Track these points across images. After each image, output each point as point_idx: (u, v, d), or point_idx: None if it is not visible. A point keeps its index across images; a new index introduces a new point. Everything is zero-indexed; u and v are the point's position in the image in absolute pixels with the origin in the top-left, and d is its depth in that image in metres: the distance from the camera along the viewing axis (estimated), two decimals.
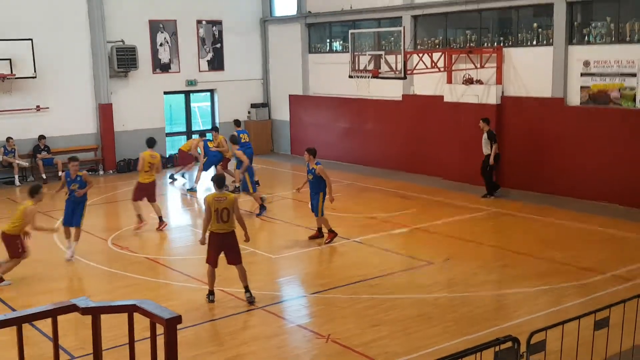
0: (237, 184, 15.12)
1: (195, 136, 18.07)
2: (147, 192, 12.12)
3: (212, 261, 8.41)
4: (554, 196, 14.02)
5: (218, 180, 8.43)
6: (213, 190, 8.50)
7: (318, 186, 10.87)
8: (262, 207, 13.03)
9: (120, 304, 3.88)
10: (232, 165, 15.69)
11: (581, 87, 13.55)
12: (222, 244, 8.33)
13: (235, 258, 8.40)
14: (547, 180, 14.25)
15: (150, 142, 12.44)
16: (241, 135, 15.20)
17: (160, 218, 12.15)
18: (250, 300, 8.32)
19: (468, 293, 8.61)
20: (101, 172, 18.41)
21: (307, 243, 11.28)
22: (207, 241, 8.44)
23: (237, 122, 16.08)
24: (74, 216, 10.43)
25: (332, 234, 11.00)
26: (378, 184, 15.76)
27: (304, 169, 14.92)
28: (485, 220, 12.44)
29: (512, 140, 14.71)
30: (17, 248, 9.24)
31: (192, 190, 15.60)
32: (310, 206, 11.09)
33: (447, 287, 8.90)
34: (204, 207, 8.60)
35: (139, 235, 11.80)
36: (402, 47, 13.17)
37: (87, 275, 9.80)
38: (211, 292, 8.51)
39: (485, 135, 13.96)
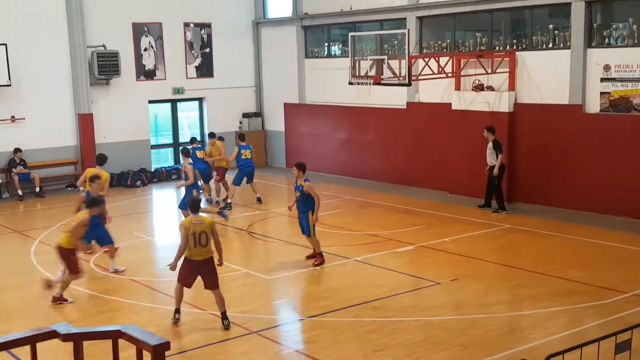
0: (229, 200, 15.31)
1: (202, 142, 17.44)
2: None
3: (186, 283, 8.59)
4: (571, 211, 14.21)
5: (193, 205, 8.69)
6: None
7: (306, 204, 10.91)
8: (222, 213, 13.42)
9: (104, 329, 3.89)
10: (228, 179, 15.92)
11: (601, 93, 13.78)
12: (199, 270, 8.53)
13: (212, 283, 8.58)
14: (563, 193, 14.44)
15: (99, 159, 12.40)
16: (242, 151, 15.37)
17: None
18: (226, 328, 8.48)
19: (478, 315, 8.75)
20: (81, 188, 18.51)
21: (304, 263, 11.42)
22: (179, 268, 8.53)
23: (241, 137, 15.97)
24: (104, 236, 10.78)
25: (321, 258, 11.11)
26: (380, 199, 15.94)
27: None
28: (496, 237, 12.61)
29: (525, 151, 14.92)
30: (73, 263, 9.45)
31: (225, 208, 15.03)
32: (300, 226, 11.20)
33: (455, 309, 9.04)
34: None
35: (122, 256, 11.92)
36: (406, 51, 13.40)
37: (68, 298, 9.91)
38: (177, 310, 8.68)
39: (490, 145, 14.19)
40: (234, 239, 13.28)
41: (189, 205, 8.81)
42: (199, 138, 21.39)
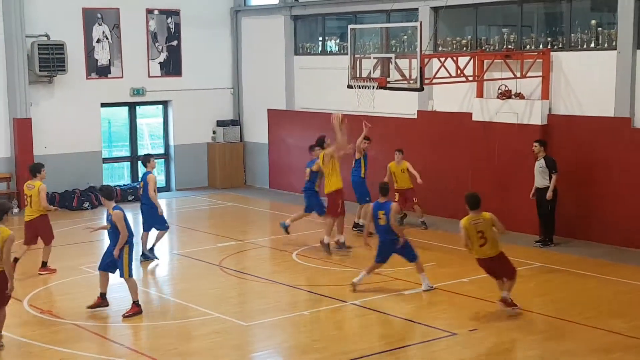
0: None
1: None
2: (33, 232, 13.21)
3: None
4: (615, 247, 14.33)
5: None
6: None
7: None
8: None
9: None
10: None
11: None
12: None
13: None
14: (606, 226, 14.56)
15: (32, 170, 13.30)
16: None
17: (44, 263, 13.21)
18: None
19: None
20: (15, 210, 18.59)
21: (290, 306, 11.49)
22: None
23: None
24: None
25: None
26: None
27: (285, 207, 15.15)
28: (526, 278, 12.67)
29: (561, 173, 15.06)
30: None
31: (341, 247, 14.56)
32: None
33: None
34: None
35: (64, 295, 11.99)
36: (418, 49, 13.53)
37: None
38: None
39: (542, 162, 14.33)
40: (202, 275, 13.34)
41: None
42: (161, 151, 21.49)
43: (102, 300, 11.23)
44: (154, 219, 14.07)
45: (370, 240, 12.28)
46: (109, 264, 11.15)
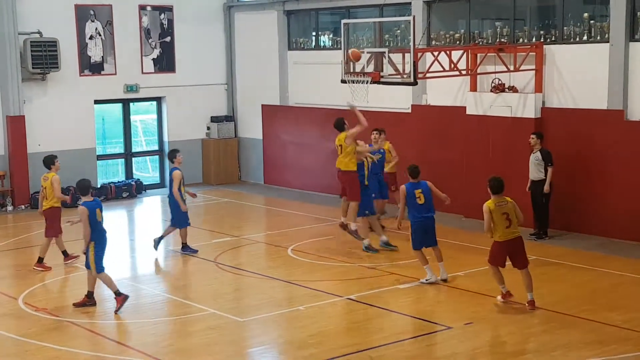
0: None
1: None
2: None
3: None
4: (611, 240, 14.35)
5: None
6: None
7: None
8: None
9: None
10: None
11: None
12: None
13: None
14: (601, 218, 14.59)
15: (45, 162, 13.68)
16: None
17: (40, 259, 13.22)
18: None
19: None
20: (10, 208, 18.55)
21: (285, 302, 11.48)
22: None
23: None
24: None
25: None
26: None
27: (279, 203, 15.19)
28: (519, 272, 12.71)
29: (555, 166, 15.06)
30: None
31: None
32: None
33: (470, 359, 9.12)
34: None
35: (59, 293, 11.96)
36: (411, 43, 13.54)
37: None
38: None
39: (538, 155, 14.35)
40: (197, 271, 13.32)
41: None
42: (155, 147, 21.47)
43: (89, 299, 11.20)
44: (177, 214, 14.10)
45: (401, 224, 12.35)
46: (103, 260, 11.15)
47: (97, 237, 11.08)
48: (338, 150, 13.85)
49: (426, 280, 11.94)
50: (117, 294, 11.03)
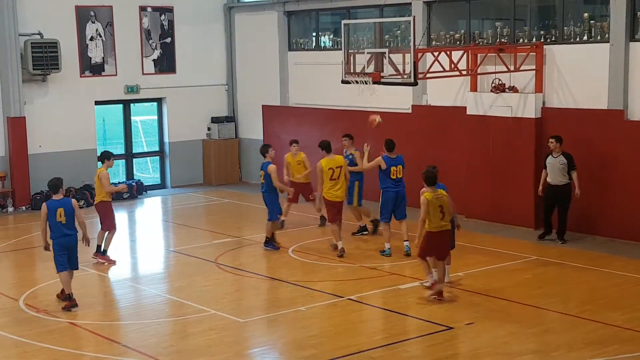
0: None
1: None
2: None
3: None
4: (612, 240, 14.34)
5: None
6: None
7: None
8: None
9: None
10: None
11: None
12: None
13: None
14: (602, 218, 14.56)
15: (99, 157, 14.12)
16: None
17: (98, 247, 13.67)
18: None
19: None
20: (10, 209, 18.52)
21: (286, 302, 11.45)
22: None
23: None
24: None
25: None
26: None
27: (280, 203, 15.12)
28: (521, 272, 12.71)
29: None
30: None
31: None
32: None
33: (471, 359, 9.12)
34: None
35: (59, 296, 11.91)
36: (411, 43, 13.54)
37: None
38: None
39: (562, 159, 13.98)
40: (198, 272, 13.29)
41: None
42: (156, 148, 21.45)
43: (69, 301, 11.18)
44: (272, 208, 14.32)
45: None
46: (67, 261, 11.26)
47: (55, 237, 11.17)
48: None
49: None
50: (69, 297, 11.13)
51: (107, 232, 13.71)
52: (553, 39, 15.30)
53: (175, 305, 11.49)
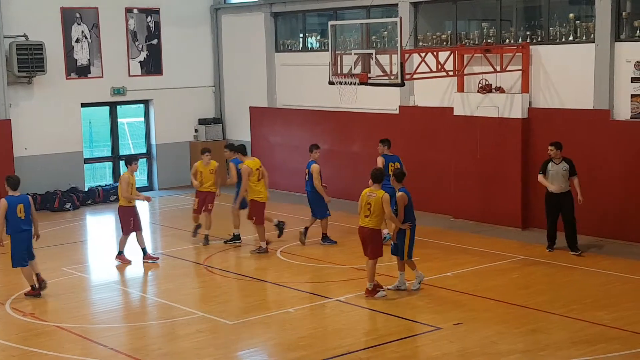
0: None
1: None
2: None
3: None
4: (597, 239, 14.42)
5: None
6: None
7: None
8: None
9: None
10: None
11: (632, 96, 14.06)
12: None
13: None
14: (588, 218, 14.59)
15: (124, 161, 14.53)
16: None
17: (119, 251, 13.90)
18: None
19: None
20: None
21: (274, 304, 11.46)
22: None
23: (237, 148, 14.93)
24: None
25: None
26: None
27: (268, 205, 15.14)
28: (508, 272, 12.77)
29: (541, 165, 15.15)
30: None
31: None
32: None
33: None
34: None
35: (47, 297, 11.88)
36: (398, 44, 13.57)
37: None
38: None
39: (564, 166, 13.47)
40: (186, 274, 13.29)
41: None
42: (143, 150, 21.41)
43: (33, 290, 11.78)
44: (317, 206, 14.50)
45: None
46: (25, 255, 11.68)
47: (13, 232, 11.43)
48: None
49: (393, 287, 11.71)
50: (33, 288, 11.69)
51: (128, 235, 13.84)
52: (539, 39, 15.39)
53: (164, 308, 11.48)
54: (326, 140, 19.11)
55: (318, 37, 19.76)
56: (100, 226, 17.84)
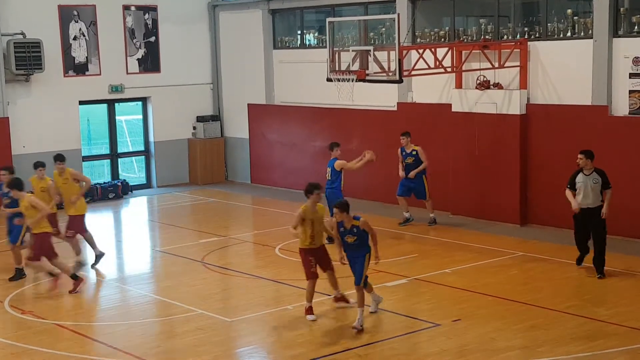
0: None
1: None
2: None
3: None
4: None
5: None
6: None
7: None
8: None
9: None
10: None
11: (630, 92, 14.07)
12: None
13: None
14: None
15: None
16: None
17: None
18: None
19: None
20: None
21: (273, 301, 11.47)
22: None
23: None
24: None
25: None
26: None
27: (267, 202, 15.18)
28: (507, 268, 12.78)
29: (540, 162, 15.14)
30: None
31: None
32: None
33: (458, 357, 9.15)
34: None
35: (45, 296, 11.89)
36: (396, 41, 13.57)
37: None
38: None
39: (596, 177, 11.93)
40: (185, 272, 13.28)
41: None
42: (141, 148, 21.40)
43: (18, 273, 12.67)
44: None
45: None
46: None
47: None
48: None
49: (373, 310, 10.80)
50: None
51: None
52: (537, 35, 15.38)
53: (162, 305, 11.48)
54: (324, 138, 19.09)
55: (316, 34, 19.75)
56: (97, 224, 17.82)
